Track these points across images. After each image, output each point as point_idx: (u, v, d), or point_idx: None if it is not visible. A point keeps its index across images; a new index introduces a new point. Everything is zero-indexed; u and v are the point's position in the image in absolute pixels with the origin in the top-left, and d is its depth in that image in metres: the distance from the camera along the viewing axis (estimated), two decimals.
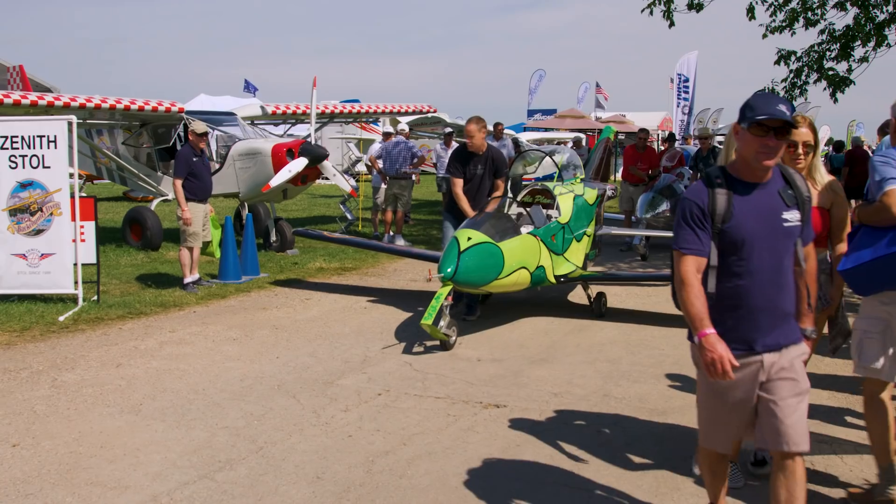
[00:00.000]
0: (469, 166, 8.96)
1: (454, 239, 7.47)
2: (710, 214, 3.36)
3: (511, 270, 7.71)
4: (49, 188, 9.06)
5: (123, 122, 13.99)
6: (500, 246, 7.58)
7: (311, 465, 4.86)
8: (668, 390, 6.37)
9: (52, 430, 5.40)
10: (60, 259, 9.06)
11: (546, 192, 9.26)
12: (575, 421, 5.65)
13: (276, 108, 16.10)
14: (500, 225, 7.87)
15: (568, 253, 8.87)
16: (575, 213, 9.04)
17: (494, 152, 9.10)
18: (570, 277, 8.81)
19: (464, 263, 7.25)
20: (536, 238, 8.22)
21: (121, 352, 7.39)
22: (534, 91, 41.54)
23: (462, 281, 7.31)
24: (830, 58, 13.73)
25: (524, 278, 8.02)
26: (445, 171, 9.74)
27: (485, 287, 7.65)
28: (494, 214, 8.09)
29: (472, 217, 8.14)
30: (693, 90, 27.36)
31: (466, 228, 7.66)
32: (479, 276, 7.42)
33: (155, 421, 5.59)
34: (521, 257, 7.87)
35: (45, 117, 10.05)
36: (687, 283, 3.34)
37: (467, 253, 7.30)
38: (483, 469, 4.83)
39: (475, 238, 7.45)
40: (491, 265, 7.49)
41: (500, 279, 7.63)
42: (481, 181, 8.99)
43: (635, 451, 5.11)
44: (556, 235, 8.61)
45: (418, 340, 7.65)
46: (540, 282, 8.39)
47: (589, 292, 9.03)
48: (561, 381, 6.60)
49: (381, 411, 5.82)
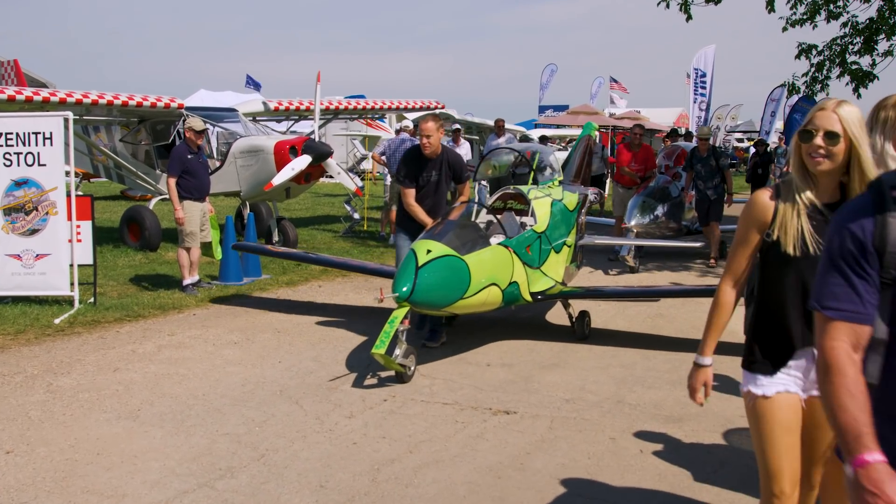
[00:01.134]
0: (423, 172, 7.92)
1: (411, 252, 6.66)
2: (879, 253, 2.15)
3: (479, 288, 6.90)
4: (44, 187, 9.09)
5: (121, 118, 14.04)
6: (466, 259, 6.77)
7: (314, 473, 4.86)
8: (684, 397, 6.31)
9: (47, 437, 5.42)
10: (56, 260, 9.09)
11: (520, 196, 8.45)
12: (588, 428, 5.64)
13: (279, 104, 16.13)
14: (466, 235, 7.06)
15: (546, 266, 8.07)
16: (553, 221, 8.26)
17: (451, 155, 8.09)
18: (548, 294, 7.97)
19: (422, 281, 6.44)
20: (508, 249, 7.36)
21: (118, 356, 7.41)
22: (545, 86, 41.56)
23: (421, 301, 6.49)
24: (853, 52, 13.72)
25: (495, 297, 7.19)
26: (395, 178, 8.83)
27: (448, 308, 6.82)
28: (459, 223, 7.25)
29: (432, 226, 7.23)
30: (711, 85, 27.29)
31: (425, 240, 6.83)
32: (441, 296, 6.62)
33: (153, 427, 5.61)
34: (490, 272, 7.05)
35: (41, 113, 10.09)
36: (836, 370, 2.14)
37: (426, 268, 6.49)
38: (492, 478, 4.82)
39: (436, 251, 6.63)
40: (455, 282, 6.68)
41: (466, 298, 6.81)
42: (437, 189, 7.99)
43: (651, 460, 5.09)
44: (532, 246, 7.80)
45: (371, 372, 6.86)
46: (513, 300, 7.54)
47: (570, 311, 8.23)
48: (573, 386, 6.59)
49: (387, 418, 5.82)
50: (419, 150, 7.91)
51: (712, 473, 4.86)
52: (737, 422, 5.74)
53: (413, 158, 8.00)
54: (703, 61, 27.35)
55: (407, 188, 7.91)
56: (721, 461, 5.06)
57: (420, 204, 7.87)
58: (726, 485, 4.71)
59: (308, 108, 15.89)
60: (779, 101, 30.87)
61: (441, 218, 7.40)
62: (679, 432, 5.55)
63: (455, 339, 7.99)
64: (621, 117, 32.37)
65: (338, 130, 27.14)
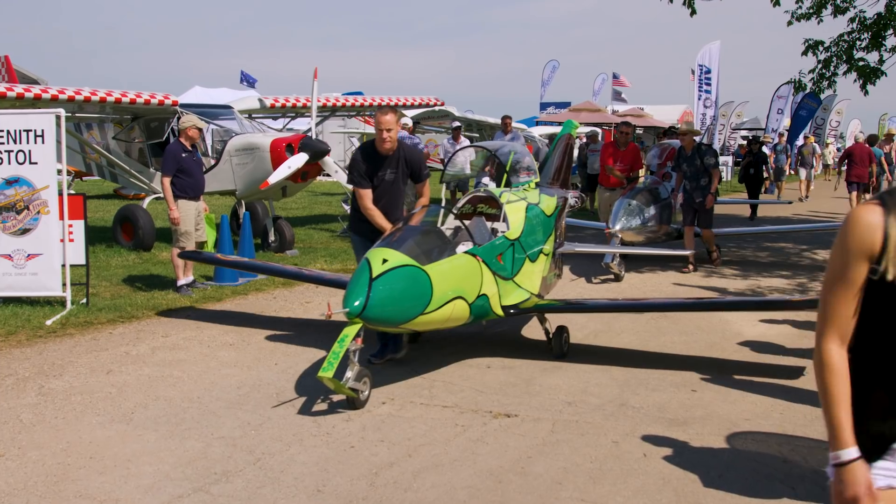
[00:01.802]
0: (378, 171, 7.34)
1: (364, 261, 6.07)
2: None
3: (443, 302, 6.32)
4: (36, 185, 9.09)
5: (114, 115, 14.05)
6: (428, 270, 6.19)
7: (311, 477, 4.86)
8: (688, 399, 6.35)
9: (39, 440, 5.42)
10: (48, 260, 9.09)
11: (491, 200, 7.96)
12: (590, 431, 5.64)
13: (275, 100, 16.13)
14: (428, 242, 6.52)
15: (520, 277, 7.51)
16: (528, 227, 7.74)
17: (408, 151, 7.52)
18: (521, 308, 7.39)
19: (377, 294, 5.86)
20: (477, 259, 6.79)
21: (111, 357, 7.41)
22: (547, 83, 41.52)
23: (375, 318, 5.91)
24: (861, 47, 13.73)
25: (461, 311, 6.61)
26: (347, 178, 7.95)
27: (407, 325, 6.25)
28: (420, 229, 6.68)
29: (390, 232, 6.66)
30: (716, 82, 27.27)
31: (381, 247, 6.24)
32: (399, 311, 6.06)
33: (147, 430, 5.61)
34: (456, 284, 6.50)
35: (32, 111, 10.09)
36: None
37: (382, 280, 5.91)
38: (493, 482, 4.82)
39: (393, 260, 6.04)
40: (414, 295, 6.11)
41: (428, 314, 6.22)
42: (392, 188, 7.42)
43: (654, 463, 5.09)
44: (504, 255, 7.26)
45: (322, 396, 6.28)
46: (483, 315, 7.00)
47: (547, 326, 7.64)
48: (575, 389, 6.59)
49: (386, 421, 5.82)
50: (373, 147, 7.34)
51: (717, 478, 4.86)
52: (742, 425, 5.75)
53: (367, 156, 7.37)
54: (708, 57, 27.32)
55: (362, 189, 7.31)
56: (726, 465, 5.06)
57: (375, 205, 7.31)
58: (732, 489, 4.72)
59: (305, 105, 15.90)
60: (786, 99, 30.86)
61: (401, 223, 6.81)
62: (683, 435, 5.55)
63: (455, 339, 7.98)
64: (624, 114, 32.36)
65: (335, 128, 27.18)
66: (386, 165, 7.34)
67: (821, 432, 5.59)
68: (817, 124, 37.02)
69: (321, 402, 6.19)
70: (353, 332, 5.90)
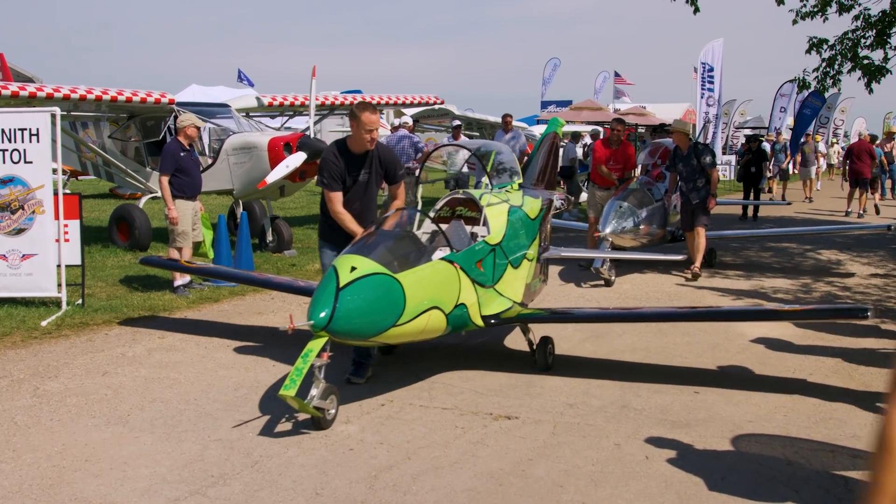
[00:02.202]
0: (351, 172, 6.88)
1: (331, 270, 5.71)
2: None
3: (417, 312, 5.96)
4: (31, 185, 9.09)
5: (110, 114, 14.05)
6: (400, 278, 5.83)
7: (309, 480, 4.87)
8: (691, 401, 6.35)
9: (34, 443, 5.42)
10: (43, 260, 9.09)
11: (471, 202, 7.61)
12: (591, 434, 5.64)
13: (273, 99, 16.14)
14: (401, 248, 6.18)
15: (501, 284, 7.19)
16: (510, 231, 7.40)
17: (382, 150, 7.07)
18: (503, 318, 7.03)
19: (344, 305, 5.49)
20: (454, 266, 6.45)
21: (107, 359, 7.41)
22: (548, 81, 41.58)
23: (342, 331, 5.54)
24: (865, 45, 13.73)
25: (437, 323, 6.25)
26: (317, 180, 7.48)
27: (377, 338, 5.86)
28: (393, 234, 6.36)
29: (360, 238, 6.25)
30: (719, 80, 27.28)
31: (350, 254, 5.87)
32: (368, 323, 5.68)
33: (143, 433, 5.61)
34: (431, 293, 6.14)
35: (27, 109, 10.10)
36: None
37: (350, 290, 5.54)
38: (493, 485, 4.83)
39: (362, 268, 5.68)
40: (385, 306, 5.74)
41: (401, 325, 5.83)
42: (366, 190, 7.00)
43: (656, 465, 5.10)
44: (485, 261, 6.94)
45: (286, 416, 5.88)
46: (461, 325, 6.65)
47: (530, 337, 7.24)
48: (576, 391, 6.59)
49: (385, 423, 5.82)
50: (345, 146, 6.90)
51: (720, 480, 4.86)
52: (745, 427, 5.75)
53: (340, 155, 6.89)
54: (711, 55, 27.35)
55: (333, 191, 6.84)
56: (729, 467, 5.06)
57: (346, 209, 6.86)
58: (735, 492, 4.71)
59: (303, 103, 15.90)
60: (789, 97, 30.88)
61: (372, 227, 6.42)
62: (686, 438, 5.55)
63: (454, 340, 7.97)
64: (626, 113, 32.37)
65: (334, 127, 27.14)
66: (359, 165, 6.89)
67: (825, 434, 5.61)
68: (821, 123, 37.03)
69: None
70: (318, 347, 5.54)
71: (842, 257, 14.00)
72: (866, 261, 13.63)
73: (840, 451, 5.34)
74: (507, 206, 7.67)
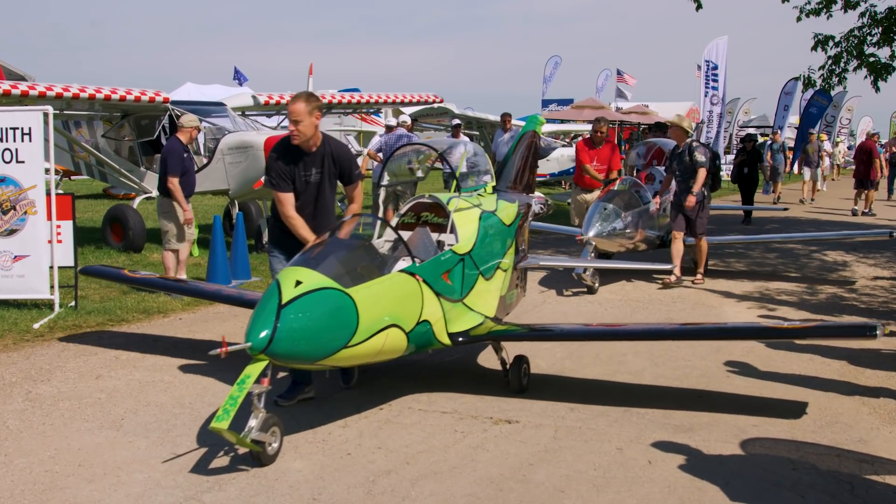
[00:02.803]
0: (298, 171, 6.34)
1: (273, 284, 5.24)
2: None
3: (372, 331, 5.45)
4: (23, 185, 9.08)
5: (103, 113, 14.03)
6: (352, 293, 5.32)
7: (306, 485, 4.86)
8: (694, 405, 6.35)
9: (26, 447, 5.42)
10: (35, 261, 9.08)
11: (437, 207, 7.05)
12: (593, 438, 5.63)
13: (269, 97, 16.13)
14: (356, 259, 5.66)
15: (471, 298, 6.69)
16: (482, 238, 6.90)
17: (335, 146, 6.47)
18: (473, 335, 6.51)
19: (287, 324, 4.99)
20: (416, 278, 5.96)
21: (100, 362, 7.40)
22: (549, 79, 41.59)
23: (284, 353, 5.05)
24: (871, 43, 13.74)
25: (396, 343, 5.74)
26: (265, 181, 6.89)
27: (325, 361, 5.31)
28: (346, 243, 5.83)
29: (309, 247, 5.77)
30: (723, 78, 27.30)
31: (296, 266, 5.37)
32: (315, 345, 5.18)
33: (137, 437, 5.60)
34: (389, 310, 5.65)
35: (19, 108, 10.08)
36: None
37: (294, 307, 5.05)
38: (493, 490, 4.82)
39: (309, 282, 5.19)
40: (335, 325, 5.24)
41: (353, 347, 5.32)
42: (319, 193, 6.40)
43: (659, 470, 5.09)
44: (452, 272, 6.43)
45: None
46: (425, 344, 6.18)
47: (503, 356, 6.73)
48: (578, 394, 6.59)
49: (383, 427, 5.82)
50: (290, 142, 6.33)
51: (724, 485, 4.85)
52: (749, 431, 5.75)
53: (285, 153, 6.36)
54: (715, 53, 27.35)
55: (282, 192, 6.30)
56: (733, 472, 5.06)
57: (299, 214, 6.33)
58: (740, 497, 4.72)
59: None
60: (792, 95, 30.89)
61: (325, 235, 5.88)
62: (690, 442, 5.55)
63: None
64: (629, 111, 32.37)
65: (331, 125, 27.18)
66: (309, 164, 6.33)
67: (831, 438, 5.61)
68: (827, 122, 37.05)
69: (317, 408, 6.19)
70: (256, 372, 5.04)
71: (848, 258, 14.00)
72: (872, 262, 13.64)
73: (846, 456, 5.34)
74: (479, 211, 7.11)
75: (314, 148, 6.32)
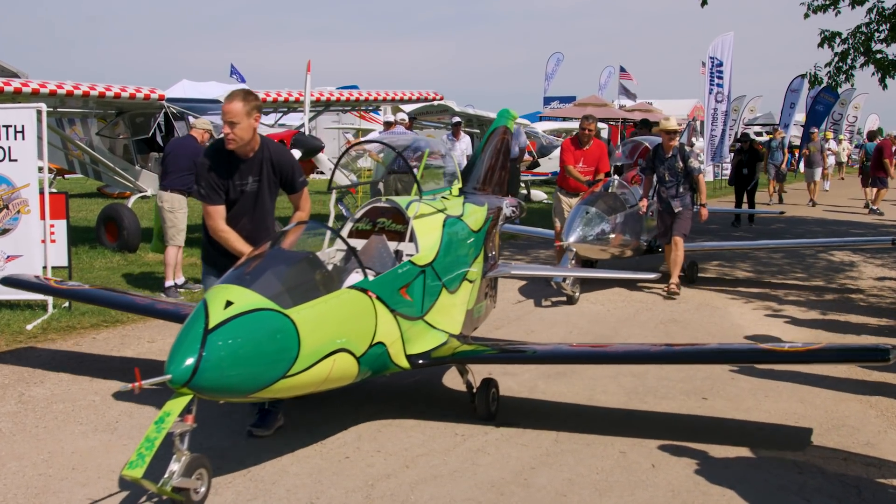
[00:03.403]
0: (233, 179, 5.67)
1: (200, 306, 4.63)
2: None
3: (316, 358, 4.86)
4: (16, 183, 9.08)
5: (98, 110, 14.04)
6: (293, 314, 4.74)
7: (304, 489, 4.87)
8: (698, 408, 6.35)
9: (19, 451, 5.42)
10: (28, 261, 9.07)
11: (395, 212, 6.43)
12: (596, 442, 5.64)
13: (266, 94, 16.12)
14: (297, 274, 5.09)
15: (434, 314, 6.11)
16: (446, 247, 6.31)
17: (275, 151, 5.84)
18: (436, 357, 5.96)
19: (214, 353, 4.41)
20: (369, 294, 5.35)
21: (94, 364, 7.40)
22: (551, 76, 41.62)
23: (211, 386, 4.46)
24: (879, 39, 13.72)
25: (345, 369, 5.16)
26: (193, 191, 6.22)
27: (260, 393, 4.75)
28: (286, 255, 5.26)
29: (243, 262, 5.12)
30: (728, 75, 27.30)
31: (227, 284, 4.79)
32: (248, 375, 4.59)
33: (132, 440, 5.59)
34: (336, 331, 5.07)
35: (12, 105, 10.08)
36: None
37: (222, 332, 4.47)
38: (494, 494, 4.83)
39: (241, 302, 4.62)
40: (272, 352, 4.66)
41: (293, 376, 4.75)
42: (256, 203, 5.80)
43: (663, 474, 5.10)
44: (412, 286, 5.84)
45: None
46: (380, 369, 5.61)
47: (469, 378, 6.14)
48: (580, 397, 6.59)
49: (382, 430, 5.82)
50: (223, 147, 5.66)
51: (729, 489, 4.86)
52: (755, 434, 5.75)
53: (218, 159, 5.67)
54: (720, 49, 27.34)
55: (212, 205, 5.64)
56: (738, 476, 5.06)
57: (232, 226, 5.69)
58: (744, 501, 4.72)
59: (297, 99, 15.89)
60: (798, 92, 30.88)
61: (264, 247, 5.25)
62: (694, 445, 5.55)
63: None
64: (632, 109, 32.41)
65: (329, 123, 27.21)
66: (245, 172, 5.69)
67: (837, 442, 5.61)
68: (834, 119, 37.04)
69: (315, 410, 6.19)
70: (178, 408, 4.44)
71: (855, 258, 14.00)
72: (880, 262, 13.64)
73: (853, 459, 5.34)
74: (443, 216, 6.53)
75: (251, 153, 5.68)
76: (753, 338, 8.40)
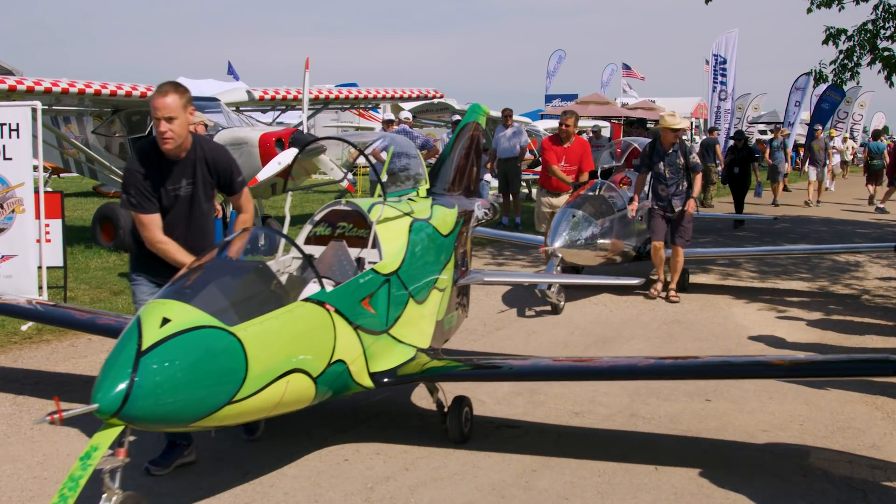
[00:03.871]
0: (165, 185, 5.12)
1: (133, 324, 4.21)
2: None
3: (266, 380, 4.44)
4: (10, 182, 9.07)
5: (93, 108, 14.02)
6: (239, 332, 4.31)
7: (302, 492, 4.87)
8: (702, 409, 6.35)
9: (14, 453, 5.42)
10: (23, 261, 9.06)
11: (356, 216, 5.98)
12: (598, 444, 5.64)
13: (265, 92, 16.14)
14: (245, 286, 4.66)
15: (399, 327, 5.69)
16: (413, 254, 5.90)
17: (209, 150, 5.32)
18: (402, 374, 5.54)
19: (148, 378, 3.99)
20: (327, 307, 4.93)
21: (90, 365, 7.40)
22: (553, 74, 41.60)
23: (145, 416, 4.03)
24: (885, 36, 13.73)
25: (300, 391, 4.77)
26: (121, 201, 5.43)
27: (203, 422, 4.27)
28: (231, 265, 4.81)
29: (182, 273, 4.66)
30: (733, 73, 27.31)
31: (163, 299, 4.35)
32: (187, 402, 4.15)
33: (131, 441, 5.59)
34: (289, 350, 4.65)
35: (7, 103, 10.08)
36: None
37: (158, 354, 4.05)
38: (495, 497, 4.83)
39: (180, 319, 4.19)
40: (215, 375, 4.23)
41: (240, 402, 4.32)
42: (191, 208, 5.25)
43: (666, 477, 5.10)
44: (375, 297, 5.42)
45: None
46: (340, 389, 5.22)
47: (440, 397, 5.67)
48: (582, 398, 6.59)
49: (381, 432, 5.82)
50: (154, 148, 5.11)
51: (733, 493, 4.86)
52: (759, 437, 5.76)
53: (147, 162, 5.12)
54: (724, 47, 27.37)
55: (145, 213, 5.08)
56: (742, 479, 5.06)
57: (168, 236, 5.14)
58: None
59: (296, 97, 15.90)
60: (804, 90, 30.89)
61: (207, 256, 4.82)
62: (697, 448, 5.56)
63: (453, 342, 7.94)
64: (635, 107, 32.40)
65: (328, 121, 27.20)
66: (178, 175, 5.15)
67: (843, 444, 5.61)
68: (840, 117, 37.05)
69: (312, 413, 6.19)
70: (108, 441, 4.00)
71: (860, 258, 13.99)
72: (886, 262, 13.63)
73: (859, 462, 5.34)
74: (409, 220, 6.10)
75: (183, 154, 5.14)
76: (758, 339, 8.41)
